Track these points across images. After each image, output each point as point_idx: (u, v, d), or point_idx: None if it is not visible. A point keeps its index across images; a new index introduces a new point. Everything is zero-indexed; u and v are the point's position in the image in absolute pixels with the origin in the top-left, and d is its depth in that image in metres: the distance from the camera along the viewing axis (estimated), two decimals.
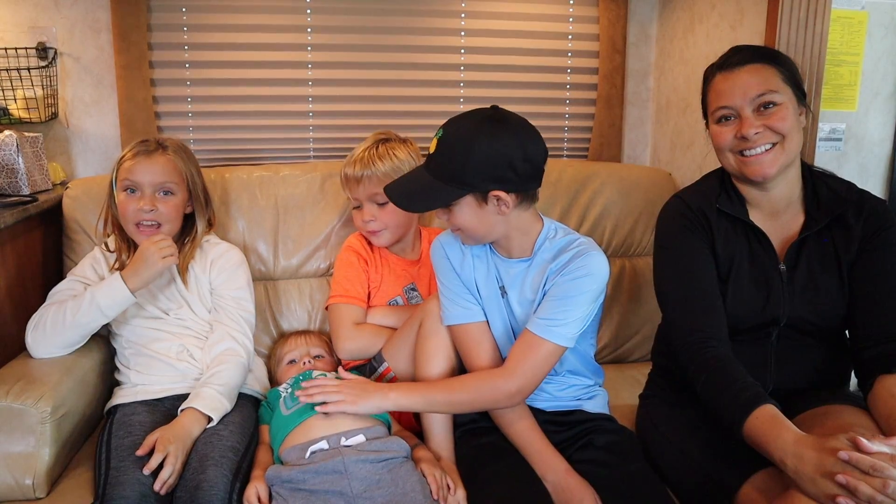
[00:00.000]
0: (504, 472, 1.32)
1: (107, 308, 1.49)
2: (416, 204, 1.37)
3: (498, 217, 1.32)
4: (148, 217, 1.54)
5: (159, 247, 1.50)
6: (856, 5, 1.74)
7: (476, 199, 1.29)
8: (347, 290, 1.69)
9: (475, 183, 1.27)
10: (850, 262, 1.32)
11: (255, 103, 2.15)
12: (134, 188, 1.55)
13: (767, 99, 1.27)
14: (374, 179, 1.66)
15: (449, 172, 1.28)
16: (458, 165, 1.26)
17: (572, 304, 1.32)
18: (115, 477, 1.28)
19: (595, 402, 1.49)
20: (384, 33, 2.18)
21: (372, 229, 1.70)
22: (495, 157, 1.25)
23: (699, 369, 1.26)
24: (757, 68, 1.28)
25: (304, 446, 1.36)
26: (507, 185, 1.27)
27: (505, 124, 1.28)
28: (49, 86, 1.97)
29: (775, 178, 1.31)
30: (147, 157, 1.56)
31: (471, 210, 1.31)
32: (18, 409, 1.32)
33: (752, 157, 1.29)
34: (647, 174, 2.17)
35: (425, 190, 1.31)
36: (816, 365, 1.36)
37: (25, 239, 1.69)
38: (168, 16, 2.05)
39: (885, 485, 0.96)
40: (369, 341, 1.64)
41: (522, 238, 1.39)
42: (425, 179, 1.31)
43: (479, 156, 1.25)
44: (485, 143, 1.25)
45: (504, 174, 1.26)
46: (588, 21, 2.29)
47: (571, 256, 1.34)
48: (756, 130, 1.27)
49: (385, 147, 1.70)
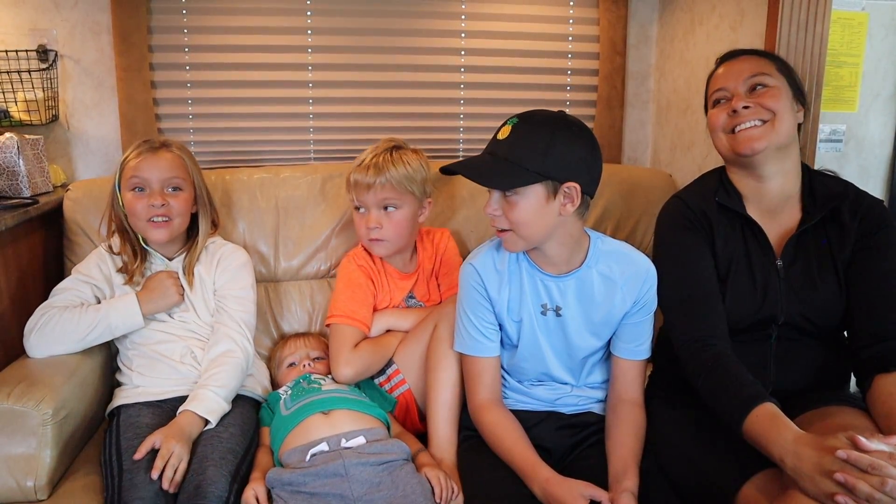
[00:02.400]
0: (503, 480, 1.31)
1: (116, 328, 1.54)
2: (488, 177, 1.28)
3: (557, 218, 1.29)
4: (159, 213, 1.55)
5: (175, 281, 1.58)
6: (856, 6, 1.74)
7: (547, 190, 1.26)
8: (354, 311, 1.64)
9: (554, 171, 1.25)
10: (846, 261, 1.33)
11: (256, 105, 2.15)
12: (142, 186, 1.55)
13: (759, 80, 1.33)
14: (387, 186, 1.62)
15: (527, 157, 1.25)
16: (539, 152, 1.25)
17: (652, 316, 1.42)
18: (129, 480, 1.28)
19: (604, 405, 1.49)
20: (384, 35, 2.18)
21: (375, 237, 1.65)
22: (576, 153, 1.27)
23: (699, 367, 1.27)
24: (749, 58, 1.36)
25: (304, 448, 1.36)
26: (581, 181, 1.27)
27: (582, 129, 1.30)
28: (50, 88, 1.97)
29: (766, 159, 1.32)
30: (153, 153, 1.57)
31: (537, 202, 1.27)
32: (20, 412, 1.32)
33: (742, 131, 1.32)
34: (647, 175, 2.17)
35: (500, 168, 1.26)
36: (816, 366, 1.37)
37: (26, 241, 1.69)
38: (168, 18, 2.06)
39: (883, 483, 0.96)
40: (366, 364, 1.60)
41: (574, 247, 1.37)
42: (497, 161, 1.27)
43: (561, 147, 1.25)
44: (568, 137, 1.26)
45: (580, 171, 1.27)
46: (588, 23, 2.30)
47: (647, 268, 1.40)
48: (745, 104, 1.32)
49: (399, 154, 1.65)
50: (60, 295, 1.56)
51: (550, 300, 1.40)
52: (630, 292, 1.38)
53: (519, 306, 1.41)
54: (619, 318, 1.41)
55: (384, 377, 1.63)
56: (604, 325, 1.41)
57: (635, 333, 1.42)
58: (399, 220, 1.64)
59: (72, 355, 1.52)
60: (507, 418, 1.40)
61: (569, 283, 1.38)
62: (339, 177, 1.95)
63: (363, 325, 1.64)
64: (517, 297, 1.40)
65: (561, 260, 1.37)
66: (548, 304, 1.40)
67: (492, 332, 1.42)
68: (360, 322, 1.64)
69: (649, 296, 1.40)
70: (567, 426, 1.45)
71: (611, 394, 1.45)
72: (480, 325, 1.41)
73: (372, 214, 1.65)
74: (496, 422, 1.39)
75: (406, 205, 1.65)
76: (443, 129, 2.29)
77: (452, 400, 1.47)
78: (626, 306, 1.39)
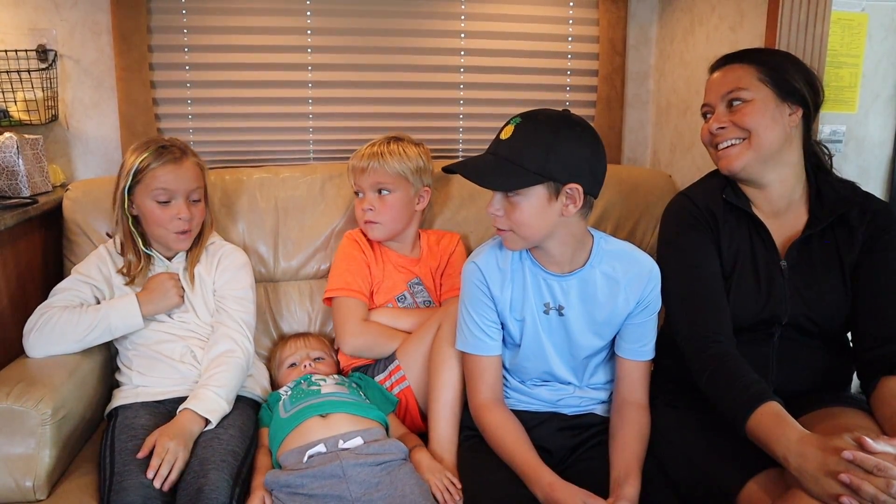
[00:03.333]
0: (503, 482, 1.31)
1: (116, 329, 1.54)
2: (489, 179, 1.27)
3: (559, 218, 1.28)
4: (185, 226, 1.57)
5: (175, 283, 1.58)
6: (856, 7, 1.74)
7: (549, 191, 1.26)
8: (349, 283, 1.69)
9: (555, 173, 1.24)
10: (853, 263, 1.32)
11: (256, 105, 2.15)
12: (168, 199, 1.55)
13: (735, 96, 1.33)
14: (380, 170, 1.70)
15: (529, 158, 1.24)
16: (542, 153, 1.24)
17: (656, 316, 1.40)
18: (118, 482, 1.28)
19: (607, 406, 1.49)
20: (384, 35, 2.18)
21: (369, 219, 1.72)
22: (579, 154, 1.26)
23: (704, 365, 1.27)
24: (732, 68, 1.35)
25: (301, 449, 1.36)
26: (584, 182, 1.27)
27: (586, 128, 1.29)
28: (49, 88, 1.97)
29: (753, 172, 1.34)
30: (177, 164, 1.56)
31: (539, 203, 1.26)
32: (19, 411, 1.32)
33: (721, 150, 1.35)
34: (647, 176, 2.17)
35: (501, 169, 1.26)
36: (818, 367, 1.37)
37: (25, 241, 1.68)
38: (168, 18, 2.05)
39: (888, 485, 0.96)
40: (375, 340, 1.65)
41: (577, 246, 1.37)
42: (499, 161, 1.27)
43: (564, 148, 1.24)
44: (571, 137, 1.25)
45: (583, 171, 1.26)
46: (588, 23, 2.30)
47: (651, 267, 1.39)
48: (720, 125, 1.34)
49: (397, 144, 1.74)
50: (60, 295, 1.56)
51: (553, 299, 1.39)
52: (633, 292, 1.38)
53: (522, 305, 1.40)
54: (623, 318, 1.40)
55: (385, 374, 1.62)
56: (607, 325, 1.41)
57: (639, 333, 1.41)
58: (392, 202, 1.70)
59: (71, 355, 1.51)
60: (510, 419, 1.40)
61: (571, 282, 1.38)
62: (338, 177, 1.95)
63: (362, 296, 1.69)
64: (520, 295, 1.40)
65: (564, 259, 1.37)
66: (550, 303, 1.40)
67: (494, 330, 1.42)
68: (359, 293, 1.69)
69: (653, 296, 1.39)
70: (569, 427, 1.45)
71: (615, 395, 1.45)
72: (482, 324, 1.41)
73: (367, 197, 1.73)
74: (498, 423, 1.38)
75: (399, 189, 1.71)
76: (442, 130, 2.29)
77: (454, 400, 1.47)
78: (630, 306, 1.39)
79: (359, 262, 1.73)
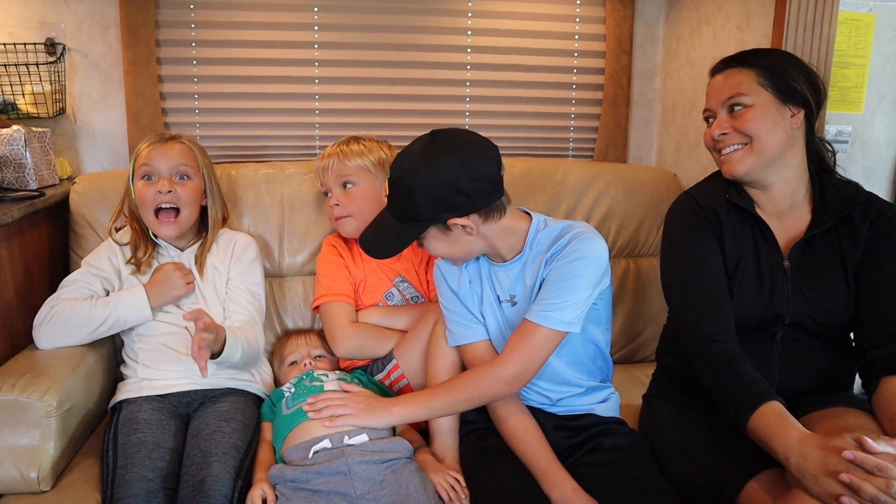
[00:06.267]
0: (507, 474, 1.32)
1: (125, 322, 1.55)
2: (384, 250, 1.35)
3: (470, 238, 1.31)
4: (166, 199, 1.57)
5: (184, 272, 1.59)
6: (863, 7, 1.74)
7: (439, 229, 1.29)
8: (332, 287, 1.70)
9: (429, 216, 1.27)
10: (856, 264, 1.32)
11: (262, 101, 2.16)
12: (151, 174, 1.57)
13: (735, 101, 1.33)
14: (342, 165, 1.70)
15: (404, 212, 1.29)
16: (409, 203, 1.26)
17: (567, 289, 1.29)
18: (121, 476, 1.29)
19: (607, 406, 1.48)
20: (391, 32, 2.19)
21: (338, 215, 1.72)
22: (440, 187, 1.24)
23: (706, 363, 1.26)
24: (732, 72, 1.35)
25: (307, 445, 1.36)
26: (462, 209, 1.26)
27: (443, 150, 1.25)
28: (57, 81, 1.98)
29: (756, 175, 1.34)
30: (163, 144, 1.60)
31: (440, 240, 1.32)
32: (24, 403, 1.33)
33: (724, 155, 1.36)
34: (652, 175, 2.17)
35: (391, 233, 1.31)
36: (821, 367, 1.36)
37: (32, 233, 1.69)
38: (176, 13, 2.06)
39: (888, 485, 0.96)
40: (365, 341, 1.65)
41: (509, 240, 1.37)
42: (389, 222, 1.32)
43: (422, 190, 1.24)
44: (424, 176, 1.24)
45: (454, 201, 1.25)
46: (595, 21, 2.30)
47: (567, 241, 1.32)
48: (722, 131, 1.35)
49: (356, 141, 1.75)
50: (70, 287, 1.57)
51: (503, 290, 1.41)
52: (548, 264, 1.34)
53: (481, 300, 1.43)
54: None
55: (384, 373, 1.63)
56: None
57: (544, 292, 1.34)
58: (358, 194, 1.70)
59: (77, 347, 1.52)
60: (526, 414, 1.40)
61: (513, 269, 1.40)
62: None
63: (347, 298, 1.70)
64: (478, 290, 1.44)
65: (503, 251, 1.38)
66: (501, 294, 1.42)
67: (472, 318, 1.44)
68: (343, 295, 1.70)
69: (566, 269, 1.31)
70: (565, 427, 1.45)
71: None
72: (459, 315, 1.44)
73: (333, 193, 1.73)
74: (517, 420, 1.39)
75: (363, 181, 1.71)
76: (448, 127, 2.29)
77: None
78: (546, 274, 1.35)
79: (337, 266, 1.74)
